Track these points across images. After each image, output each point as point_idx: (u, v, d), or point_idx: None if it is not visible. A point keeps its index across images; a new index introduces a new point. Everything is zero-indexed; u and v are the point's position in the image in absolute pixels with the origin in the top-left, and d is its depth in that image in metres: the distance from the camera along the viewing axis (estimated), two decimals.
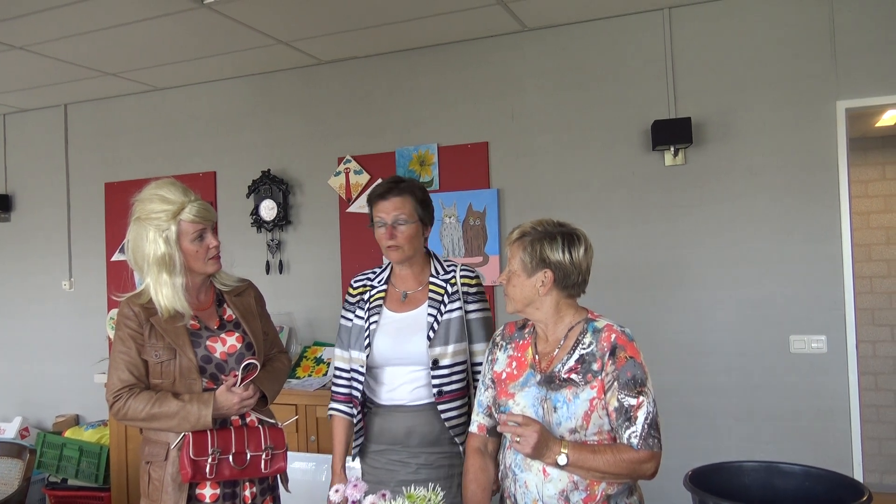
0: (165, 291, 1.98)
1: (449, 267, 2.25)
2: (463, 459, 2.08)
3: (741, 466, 2.03)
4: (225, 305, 2.15)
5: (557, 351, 1.83)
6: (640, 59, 3.58)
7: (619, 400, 1.72)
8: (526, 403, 1.81)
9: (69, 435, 4.41)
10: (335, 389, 2.29)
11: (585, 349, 1.79)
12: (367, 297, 2.27)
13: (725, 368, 3.40)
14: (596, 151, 3.65)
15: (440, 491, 1.58)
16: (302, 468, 2.66)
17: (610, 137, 3.62)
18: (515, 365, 1.89)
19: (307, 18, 3.51)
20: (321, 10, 3.40)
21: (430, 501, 1.54)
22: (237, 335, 2.10)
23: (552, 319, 1.85)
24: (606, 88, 3.64)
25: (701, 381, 3.43)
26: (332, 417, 2.29)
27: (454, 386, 2.15)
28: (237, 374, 1.98)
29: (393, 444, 2.18)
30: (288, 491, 2.17)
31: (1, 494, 2.96)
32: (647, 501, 1.90)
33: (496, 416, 1.89)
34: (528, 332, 1.94)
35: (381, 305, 2.24)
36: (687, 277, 3.48)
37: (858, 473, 3.17)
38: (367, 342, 2.19)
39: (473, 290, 2.23)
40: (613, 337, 1.78)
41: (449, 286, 2.20)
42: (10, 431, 4.67)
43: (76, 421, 4.76)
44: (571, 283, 1.82)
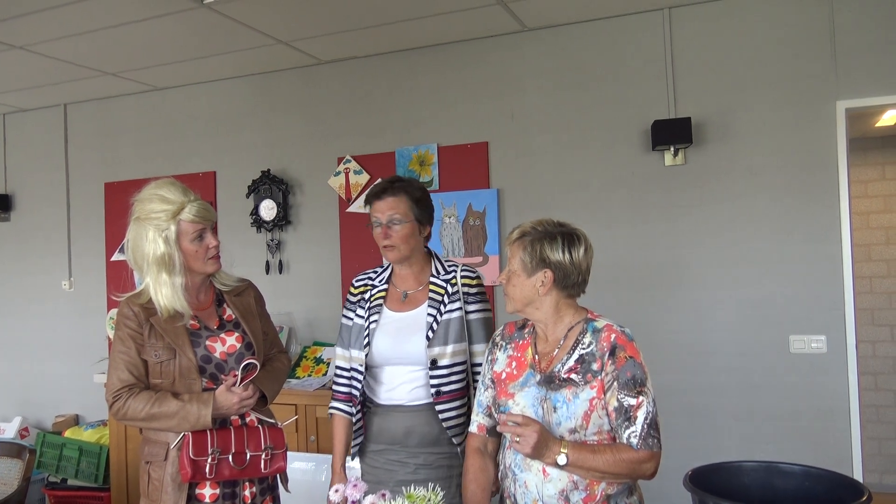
0: (165, 291, 1.98)
1: (450, 267, 2.25)
2: (461, 460, 2.08)
3: (741, 466, 2.03)
4: (224, 305, 2.15)
5: (557, 351, 1.83)
6: (639, 59, 3.58)
7: (618, 400, 1.72)
8: (526, 403, 1.81)
9: (69, 435, 4.41)
10: (336, 388, 2.30)
11: (585, 349, 1.79)
12: (367, 296, 2.27)
13: (725, 368, 3.40)
14: (596, 151, 3.65)
15: (440, 491, 1.58)
16: (302, 468, 2.66)
17: (610, 137, 3.62)
18: (515, 365, 1.89)
19: (307, 18, 3.51)
20: (321, 10, 3.40)
21: (429, 501, 1.54)
22: (237, 335, 2.10)
23: (552, 319, 1.85)
24: (606, 88, 3.64)
25: (701, 381, 3.43)
26: (332, 416, 2.29)
27: (453, 386, 2.15)
28: (237, 373, 1.98)
29: (392, 443, 2.18)
30: (288, 491, 2.17)
31: (0, 494, 2.96)
32: (647, 501, 1.90)
33: (496, 416, 1.89)
34: (527, 332, 1.94)
35: (381, 305, 2.24)
36: (687, 277, 3.48)
37: (858, 473, 3.17)
38: (366, 341, 2.20)
39: (474, 290, 2.22)
40: (613, 337, 1.78)
41: (449, 286, 2.20)
42: (9, 431, 4.66)
43: (76, 421, 4.76)
44: (571, 283, 1.82)
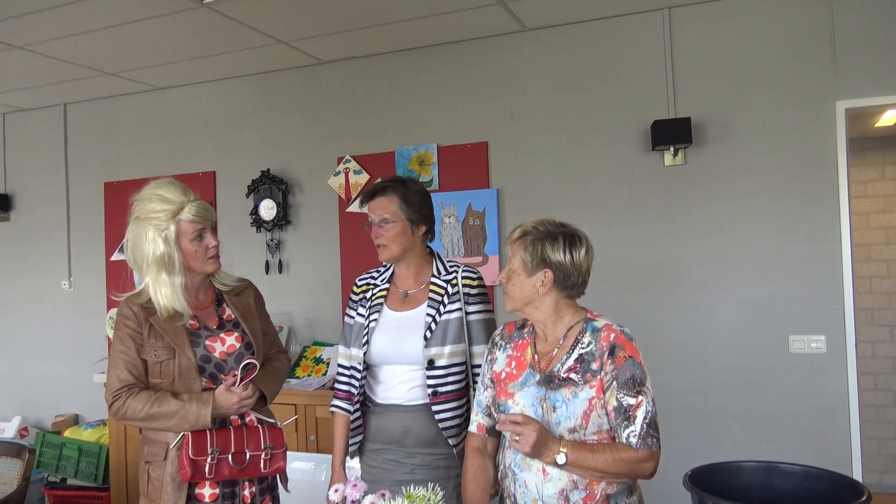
0: (164, 291, 1.98)
1: (451, 268, 2.25)
2: (459, 461, 2.08)
3: (741, 466, 2.03)
4: (224, 305, 2.15)
5: (556, 350, 1.83)
6: (639, 59, 3.58)
7: (618, 399, 1.72)
8: (525, 403, 1.80)
9: (68, 434, 4.41)
10: (338, 386, 2.30)
11: (584, 348, 1.79)
12: (369, 295, 2.28)
13: (725, 368, 3.40)
14: (595, 151, 3.65)
15: (439, 491, 1.58)
16: (301, 468, 2.66)
17: (609, 137, 3.62)
18: (515, 364, 1.89)
19: (307, 18, 3.51)
20: (321, 9, 3.40)
21: (429, 501, 1.54)
22: (236, 335, 2.10)
23: (551, 319, 1.85)
24: (606, 88, 3.64)
25: (701, 381, 3.43)
26: (333, 414, 2.29)
27: (450, 387, 2.15)
28: (236, 373, 1.98)
29: (389, 443, 2.19)
30: (287, 491, 2.17)
31: (0, 494, 2.96)
32: (646, 501, 1.90)
33: (495, 415, 1.89)
34: (527, 331, 1.94)
35: (382, 304, 2.24)
36: (687, 277, 3.48)
37: (858, 473, 3.17)
38: (365, 340, 2.20)
39: (475, 291, 2.22)
40: (612, 336, 1.78)
41: (450, 287, 2.20)
42: (9, 431, 4.66)
43: (75, 420, 4.76)
44: (571, 283, 1.82)
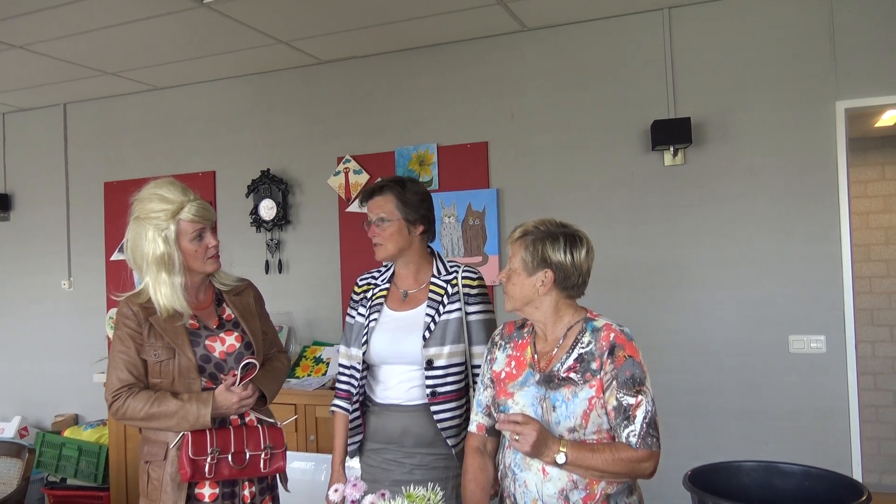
0: (164, 291, 1.98)
1: (452, 268, 2.25)
2: (458, 462, 2.08)
3: (740, 466, 2.03)
4: (224, 305, 2.15)
5: (556, 350, 1.83)
6: (639, 59, 3.57)
7: (617, 399, 1.72)
8: (525, 402, 1.80)
9: (68, 434, 4.41)
10: (339, 386, 2.30)
11: (584, 348, 1.79)
12: (370, 294, 2.28)
13: (725, 368, 3.40)
14: (595, 151, 3.65)
15: (439, 490, 1.58)
16: (301, 468, 2.66)
17: (609, 137, 3.62)
18: (514, 364, 1.89)
19: (307, 18, 3.51)
20: (321, 9, 3.40)
21: (429, 501, 1.54)
22: (236, 334, 2.10)
23: (551, 319, 1.85)
24: (606, 88, 3.64)
25: (701, 381, 3.43)
26: (334, 414, 2.29)
27: (449, 388, 2.14)
28: (236, 373, 1.98)
29: (388, 443, 2.18)
30: (287, 490, 2.17)
31: (0, 494, 2.96)
32: (646, 501, 1.90)
33: (495, 415, 1.89)
34: (527, 331, 1.94)
35: (382, 304, 2.24)
36: (687, 277, 3.48)
37: (857, 473, 3.17)
38: (364, 339, 2.20)
39: (475, 291, 2.22)
40: (612, 336, 1.78)
41: (449, 287, 2.20)
42: (9, 431, 4.66)
43: (75, 420, 4.76)
44: (571, 284, 1.82)
